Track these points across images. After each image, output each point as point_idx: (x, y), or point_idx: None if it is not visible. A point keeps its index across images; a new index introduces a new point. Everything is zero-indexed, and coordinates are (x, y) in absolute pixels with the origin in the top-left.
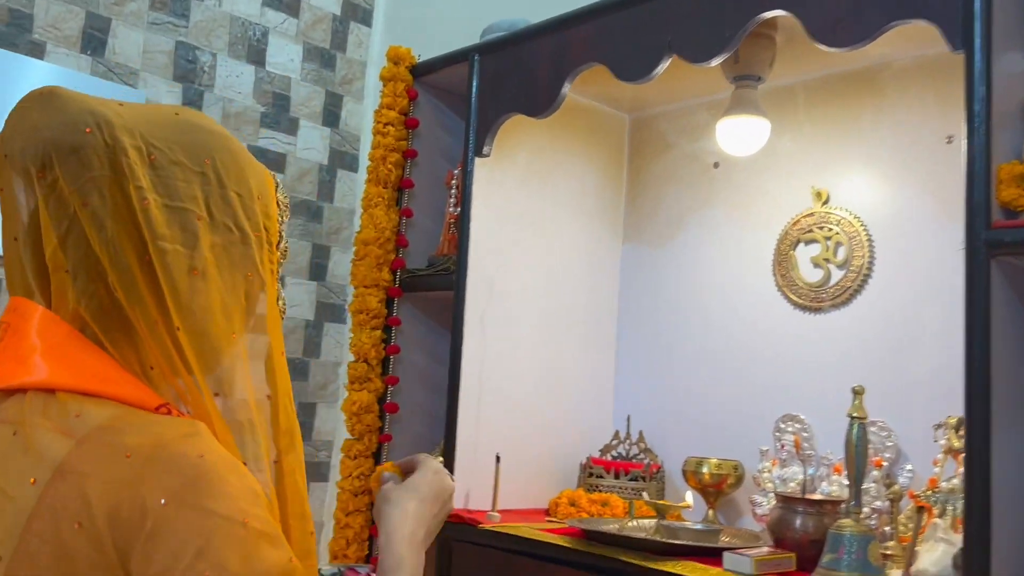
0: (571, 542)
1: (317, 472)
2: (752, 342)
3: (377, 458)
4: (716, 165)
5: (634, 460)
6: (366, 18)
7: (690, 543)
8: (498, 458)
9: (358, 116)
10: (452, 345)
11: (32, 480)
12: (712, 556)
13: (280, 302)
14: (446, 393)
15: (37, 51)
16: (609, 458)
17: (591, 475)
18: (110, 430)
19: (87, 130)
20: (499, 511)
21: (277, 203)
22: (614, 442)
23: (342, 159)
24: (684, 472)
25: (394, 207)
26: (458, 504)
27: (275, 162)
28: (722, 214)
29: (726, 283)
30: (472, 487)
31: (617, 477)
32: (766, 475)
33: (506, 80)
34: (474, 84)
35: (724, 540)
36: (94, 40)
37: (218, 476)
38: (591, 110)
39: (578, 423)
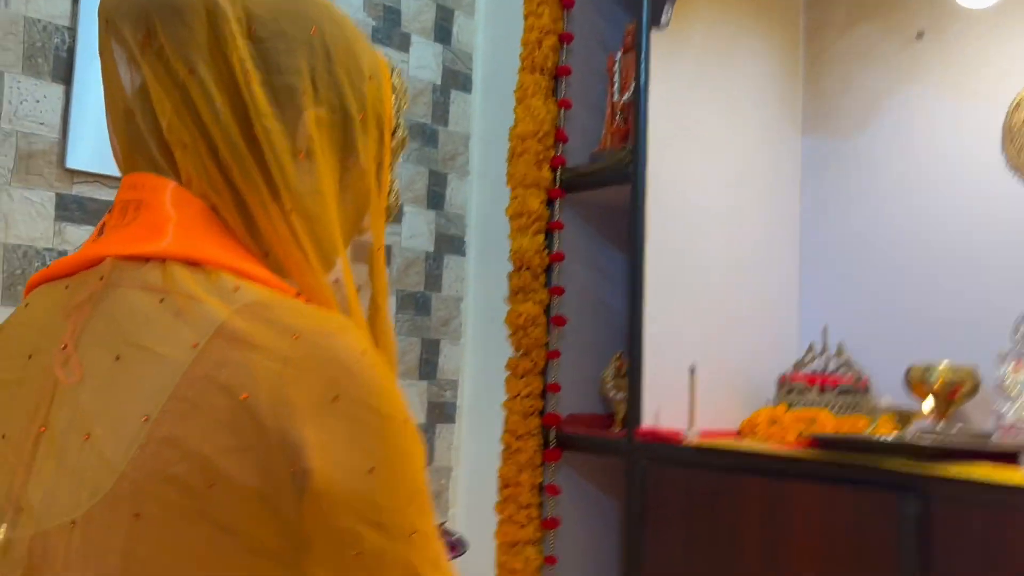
0: (818, 454)
1: (443, 413)
2: (977, 230)
3: (545, 376)
4: (920, 36)
5: (834, 375)
6: None
7: (974, 447)
8: (692, 369)
9: (469, 32)
10: (632, 245)
11: (189, 342)
12: (991, 460)
13: (392, 195)
14: (615, 304)
15: None
16: (806, 373)
17: (790, 392)
18: (269, 307)
19: None
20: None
21: (393, 88)
22: (808, 357)
23: (455, 79)
24: (908, 381)
25: (551, 97)
26: (648, 421)
27: None
28: (930, 91)
29: (938, 167)
30: (662, 403)
31: (823, 392)
32: (1009, 381)
33: None
34: None
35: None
36: None
37: (383, 376)
38: None
39: (764, 337)
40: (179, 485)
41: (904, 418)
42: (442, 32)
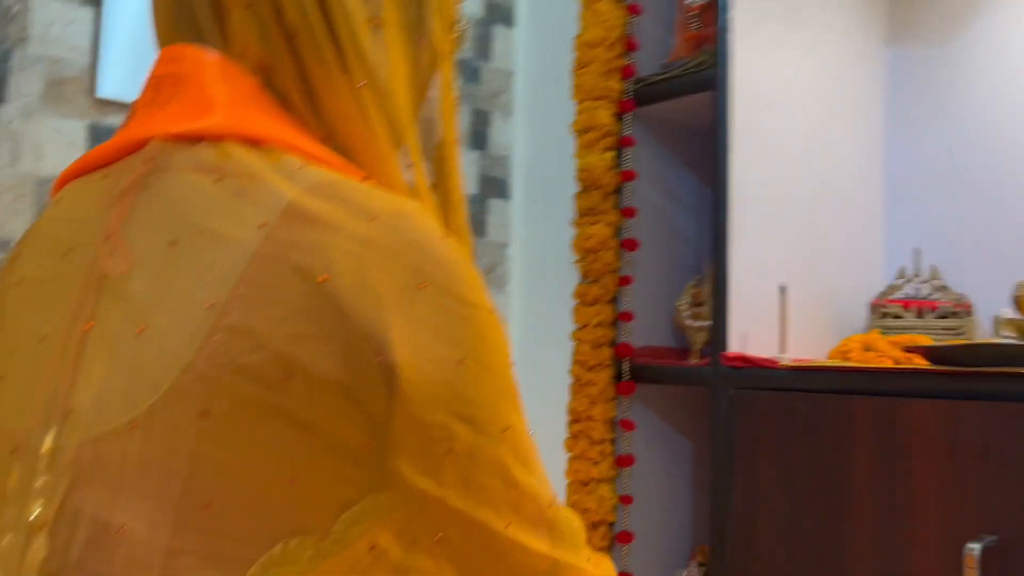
0: (936, 368)
1: None
2: None
3: (616, 304)
4: None
5: (929, 299)
6: None
7: None
8: (783, 289)
9: None
10: (715, 156)
11: (256, 222)
12: None
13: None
14: (688, 230)
15: None
16: (899, 298)
17: (884, 316)
18: (340, 186)
19: None
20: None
21: None
22: (899, 281)
23: (497, 12)
24: (1018, 300)
25: (620, 1)
26: (733, 348)
27: None
28: None
29: None
30: (750, 327)
31: (920, 316)
32: None
33: None
34: None
35: None
36: None
37: (462, 258)
38: None
39: (852, 263)
40: (252, 377)
41: None
42: None
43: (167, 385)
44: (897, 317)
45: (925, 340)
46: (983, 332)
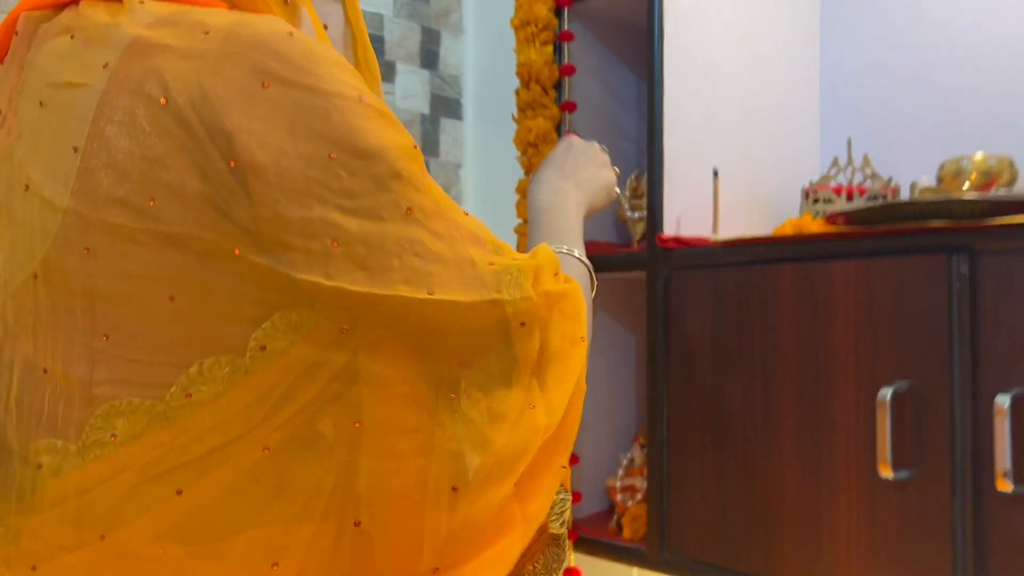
0: (856, 230)
1: None
2: (1006, 20)
3: None
4: None
5: (861, 185)
6: None
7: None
8: (716, 172)
9: None
10: (649, 48)
11: (100, 64)
12: None
13: None
14: (629, 127)
15: None
16: (831, 186)
17: (816, 201)
18: (181, 13)
19: None
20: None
21: None
22: (833, 171)
23: None
24: (941, 177)
25: None
26: (668, 231)
27: None
28: None
29: None
30: (682, 211)
31: (850, 201)
32: None
33: None
34: None
35: None
36: None
37: (317, 51)
38: None
39: (786, 151)
40: (121, 206)
41: (943, 193)
42: None
43: (53, 232)
44: (828, 202)
45: None
46: (915, 187)
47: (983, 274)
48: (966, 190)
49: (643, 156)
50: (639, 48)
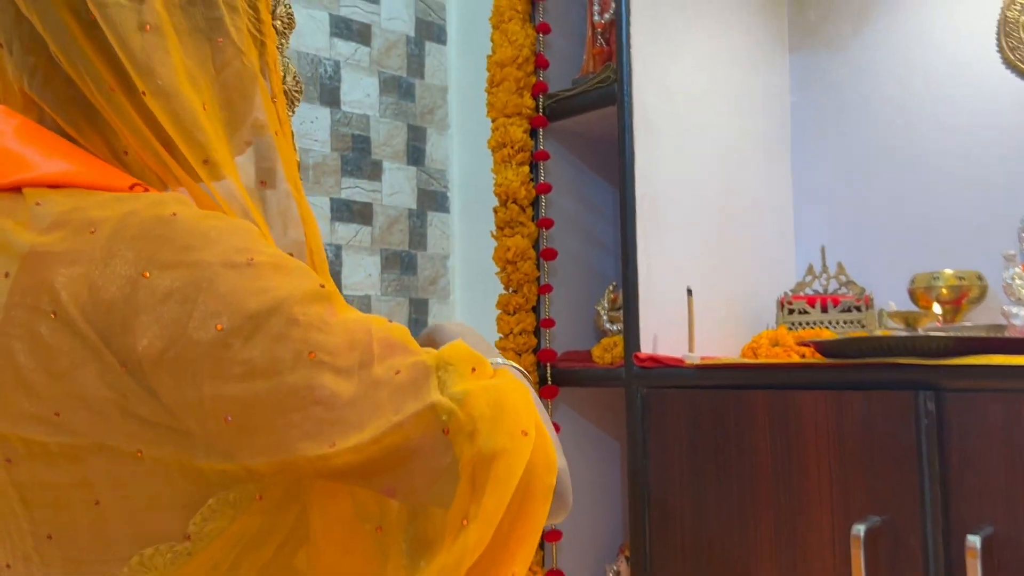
0: (825, 361)
1: None
2: (976, 136)
3: (537, 313)
4: None
5: (835, 294)
6: None
7: (988, 339)
8: (689, 291)
9: None
10: (622, 165)
11: (3, 272)
12: (1006, 352)
13: (290, 77)
14: (606, 238)
15: None
16: (806, 295)
17: (791, 312)
18: (74, 211)
19: None
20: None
21: None
22: (808, 278)
23: (429, 29)
24: (912, 293)
25: (529, 22)
26: (645, 349)
27: (359, 32)
28: None
29: (933, 71)
30: (659, 330)
31: (825, 311)
32: (1018, 283)
33: None
34: None
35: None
36: None
37: (202, 225)
38: None
39: (761, 262)
40: (34, 422)
41: (912, 322)
42: None
43: None
44: (804, 312)
45: (829, 334)
46: (884, 314)
47: (949, 411)
48: (934, 313)
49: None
50: (615, 161)
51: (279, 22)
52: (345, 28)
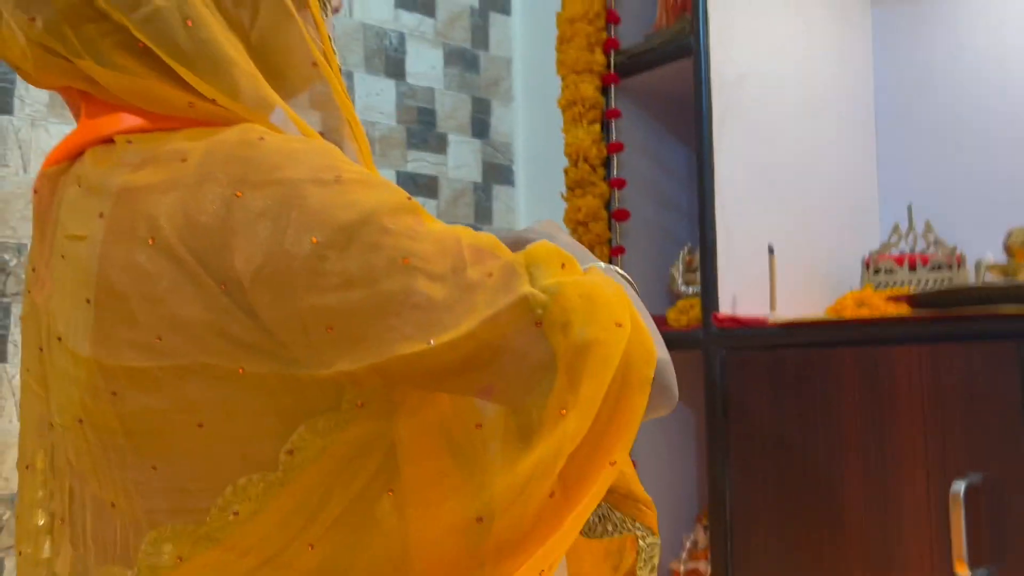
0: (919, 313)
1: None
2: None
3: None
4: None
5: (923, 253)
6: None
7: None
8: (771, 249)
9: None
10: (698, 121)
11: (98, 212)
12: None
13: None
14: (679, 199)
15: None
16: (893, 254)
17: (877, 272)
18: (162, 143)
19: None
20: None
21: None
22: (893, 238)
23: (493, 0)
24: (1009, 246)
25: None
26: (724, 311)
27: (424, 3)
28: None
29: None
30: (737, 291)
31: (913, 269)
32: None
33: None
34: None
35: None
36: None
37: (288, 146)
38: None
39: (845, 221)
40: (135, 349)
41: (1012, 272)
42: None
43: (83, 380)
44: (890, 272)
45: None
46: (981, 266)
47: None
48: None
49: (696, 230)
50: (688, 121)
51: None
52: (410, 0)
